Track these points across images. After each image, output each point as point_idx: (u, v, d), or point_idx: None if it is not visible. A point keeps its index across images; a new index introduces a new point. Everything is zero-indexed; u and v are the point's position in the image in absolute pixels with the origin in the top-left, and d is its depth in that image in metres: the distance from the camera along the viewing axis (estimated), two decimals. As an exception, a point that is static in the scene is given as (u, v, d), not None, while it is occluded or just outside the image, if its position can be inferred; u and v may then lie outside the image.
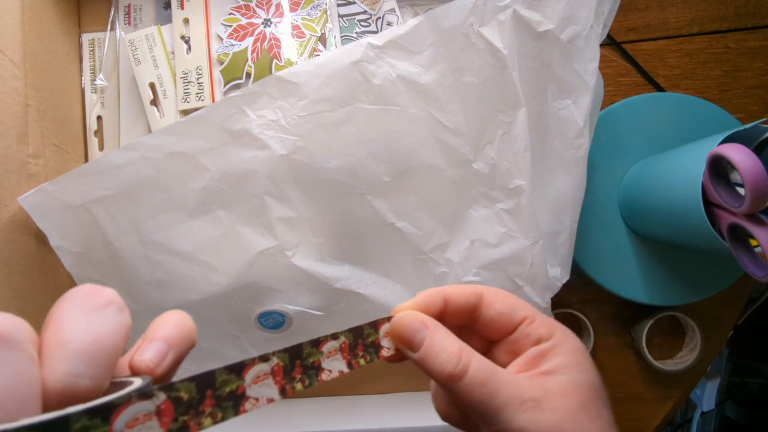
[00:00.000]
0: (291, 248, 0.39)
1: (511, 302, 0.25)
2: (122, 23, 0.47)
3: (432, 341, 0.23)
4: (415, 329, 0.23)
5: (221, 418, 0.17)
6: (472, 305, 0.25)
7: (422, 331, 0.23)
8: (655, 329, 0.49)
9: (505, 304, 0.25)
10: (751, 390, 0.99)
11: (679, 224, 0.38)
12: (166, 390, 0.15)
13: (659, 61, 0.49)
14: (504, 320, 0.25)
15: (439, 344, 0.23)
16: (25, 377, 0.14)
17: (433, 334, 0.23)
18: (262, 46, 0.44)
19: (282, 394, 0.19)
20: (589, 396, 0.23)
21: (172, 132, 0.38)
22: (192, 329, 0.20)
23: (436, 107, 0.38)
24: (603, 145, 0.45)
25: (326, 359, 0.21)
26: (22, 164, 0.39)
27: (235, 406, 0.17)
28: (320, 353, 0.21)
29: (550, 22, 0.38)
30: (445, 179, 0.40)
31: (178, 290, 0.40)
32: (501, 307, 0.25)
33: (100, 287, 0.17)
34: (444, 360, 0.22)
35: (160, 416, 0.15)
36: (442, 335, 0.23)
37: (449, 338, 0.23)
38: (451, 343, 0.23)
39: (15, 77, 0.39)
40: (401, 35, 0.38)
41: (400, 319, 0.23)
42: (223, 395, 0.17)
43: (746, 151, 0.31)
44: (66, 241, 0.39)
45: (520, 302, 0.25)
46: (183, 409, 0.16)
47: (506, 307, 0.25)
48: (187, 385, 0.16)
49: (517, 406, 0.21)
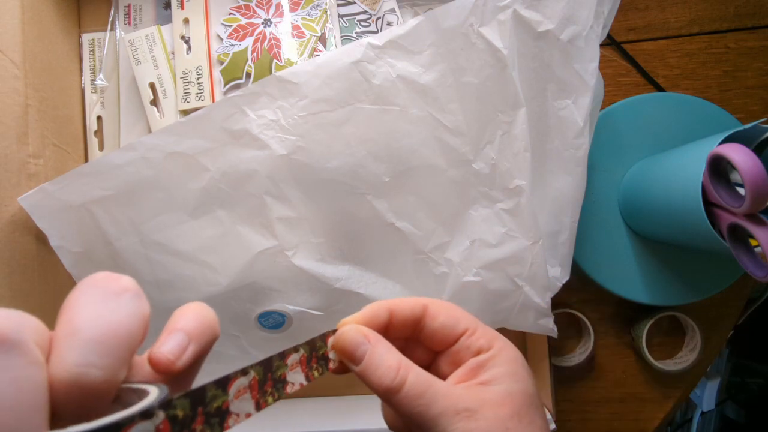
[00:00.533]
0: (291, 248, 0.39)
1: (455, 314, 0.26)
2: (122, 23, 0.47)
3: (372, 355, 0.23)
4: (356, 343, 0.24)
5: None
6: (417, 317, 0.25)
7: (363, 345, 0.24)
8: (655, 329, 0.49)
9: (448, 316, 0.26)
10: (751, 390, 0.99)
11: (679, 224, 0.38)
12: (164, 408, 0.15)
13: (659, 61, 0.49)
14: (447, 332, 0.25)
15: (379, 358, 0.23)
16: (25, 384, 0.13)
17: (373, 348, 0.24)
18: (262, 46, 0.44)
19: (257, 408, 0.19)
20: (522, 404, 0.23)
21: (172, 132, 0.38)
22: (214, 321, 0.19)
23: (436, 107, 0.38)
24: (603, 145, 0.45)
25: (290, 372, 0.21)
26: (22, 164, 0.39)
27: (220, 423, 0.17)
28: (285, 366, 0.21)
29: (550, 22, 0.38)
30: (445, 179, 0.40)
31: (178, 290, 0.40)
32: (444, 319, 0.25)
33: (116, 274, 0.17)
34: (382, 374, 0.23)
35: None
36: (382, 349, 0.24)
37: (389, 352, 0.24)
38: (391, 358, 0.23)
39: (15, 77, 0.39)
40: (401, 35, 0.38)
41: (343, 333, 0.24)
42: (212, 411, 0.17)
43: (746, 151, 0.31)
44: (66, 241, 0.39)
45: (463, 314, 0.26)
46: (178, 428, 0.15)
47: (449, 319, 0.26)
48: (182, 402, 0.16)
49: (452, 416, 0.22)
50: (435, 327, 0.26)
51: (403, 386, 0.23)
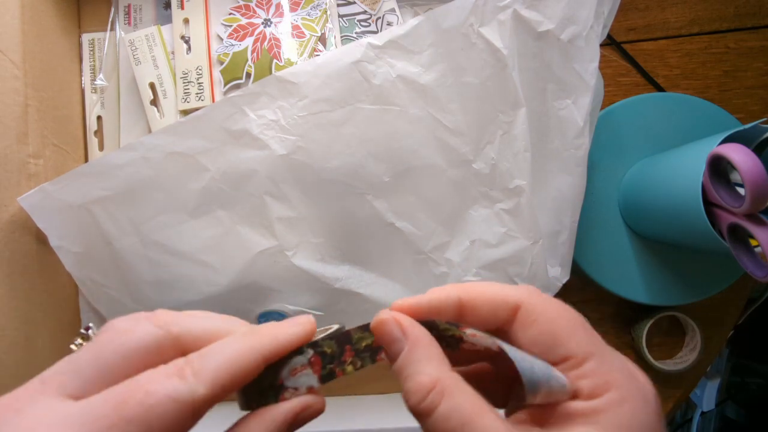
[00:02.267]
0: (291, 248, 0.39)
1: (556, 329, 0.18)
2: (122, 23, 0.47)
3: (406, 360, 0.18)
4: (391, 338, 0.19)
5: (360, 365, 0.20)
6: (501, 321, 0.19)
7: (398, 343, 0.19)
8: (655, 329, 0.49)
9: (545, 330, 0.18)
10: (751, 390, 0.99)
11: (679, 224, 0.38)
12: (313, 347, 0.20)
13: (659, 61, 0.49)
14: (539, 351, 0.18)
15: (413, 367, 0.18)
16: None
17: (409, 352, 0.18)
18: (262, 46, 0.44)
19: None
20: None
21: (172, 132, 0.38)
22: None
23: (436, 107, 0.38)
24: (603, 145, 0.45)
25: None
26: (22, 164, 0.39)
27: (371, 357, 0.20)
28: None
29: (550, 22, 0.38)
30: (445, 179, 0.40)
31: (178, 290, 0.40)
32: (537, 335, 0.18)
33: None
34: (410, 388, 0.18)
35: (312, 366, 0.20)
36: (419, 354, 0.18)
37: (429, 363, 0.18)
38: (427, 372, 0.18)
39: (15, 77, 0.39)
40: (401, 35, 0.38)
41: (379, 322, 0.19)
42: (361, 349, 0.20)
43: (746, 151, 0.31)
44: (66, 241, 0.39)
45: (570, 331, 0.18)
46: (328, 359, 0.20)
47: (545, 336, 0.18)
48: (329, 342, 0.20)
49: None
50: (523, 341, 0.19)
51: (431, 414, 0.17)
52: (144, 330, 0.18)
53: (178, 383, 0.17)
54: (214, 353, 0.18)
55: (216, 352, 0.18)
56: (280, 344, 0.19)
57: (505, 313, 0.19)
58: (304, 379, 0.20)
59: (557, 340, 0.18)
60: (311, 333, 0.20)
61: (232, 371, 0.18)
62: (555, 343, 0.18)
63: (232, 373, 0.18)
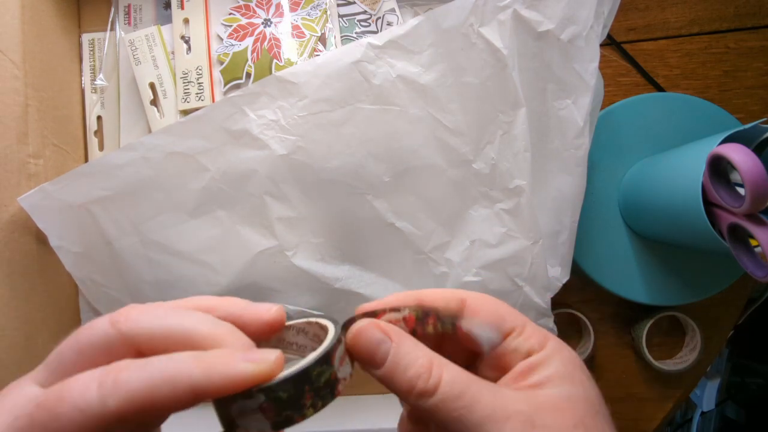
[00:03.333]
0: (291, 248, 0.39)
1: (499, 310, 0.22)
2: (122, 23, 0.47)
3: (398, 354, 0.20)
4: (376, 341, 0.20)
5: (321, 405, 0.18)
6: (452, 313, 0.22)
7: (384, 344, 0.20)
8: (655, 329, 0.49)
9: (490, 312, 0.22)
10: (751, 390, 0.99)
11: (679, 224, 0.38)
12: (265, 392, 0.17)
13: (659, 61, 0.49)
14: (490, 329, 0.22)
15: (406, 356, 0.20)
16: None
17: (398, 346, 0.20)
18: (262, 46, 0.44)
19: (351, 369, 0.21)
20: (586, 411, 0.20)
21: (172, 132, 0.38)
22: None
23: (436, 107, 0.38)
24: (603, 145, 0.45)
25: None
26: (22, 164, 0.39)
27: (331, 392, 0.19)
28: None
29: (550, 22, 0.38)
30: (445, 179, 0.40)
31: (178, 290, 0.40)
32: (486, 316, 0.22)
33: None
34: (413, 375, 0.19)
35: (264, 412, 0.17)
36: (408, 346, 0.20)
37: (418, 348, 0.20)
38: (420, 354, 0.20)
39: (15, 77, 0.39)
40: (401, 35, 0.38)
41: (358, 332, 0.20)
42: (321, 386, 0.18)
43: (746, 151, 0.31)
44: (66, 241, 0.39)
45: (507, 310, 0.22)
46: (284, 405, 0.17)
47: (492, 317, 0.22)
48: (284, 387, 0.17)
49: (502, 421, 0.18)
50: (476, 323, 0.22)
51: (438, 386, 0.19)
52: (98, 327, 0.18)
53: (92, 392, 0.16)
54: (147, 368, 0.17)
55: (150, 367, 0.17)
56: (216, 384, 0.17)
57: (456, 304, 0.22)
58: (255, 423, 0.17)
59: (501, 318, 0.22)
60: (266, 377, 0.17)
61: (152, 395, 0.16)
62: (501, 321, 0.22)
63: (152, 398, 0.16)
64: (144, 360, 0.17)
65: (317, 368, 0.18)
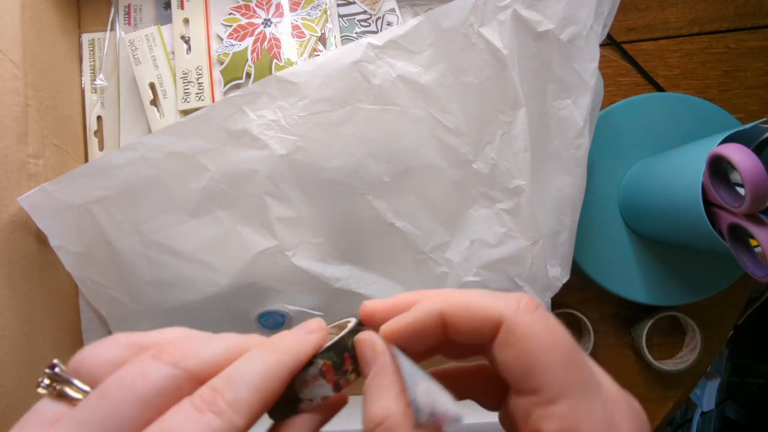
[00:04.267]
0: (291, 248, 0.39)
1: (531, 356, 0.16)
2: (122, 23, 0.47)
3: (368, 386, 0.18)
4: (366, 358, 0.19)
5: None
6: (484, 338, 0.18)
7: (370, 365, 0.19)
8: (655, 329, 0.49)
9: (520, 357, 0.17)
10: (751, 390, 0.99)
11: (679, 224, 0.38)
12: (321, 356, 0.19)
13: (659, 61, 0.49)
14: (512, 377, 0.17)
15: (371, 394, 0.18)
16: None
17: (373, 378, 0.18)
18: (262, 46, 0.44)
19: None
20: None
21: (172, 132, 0.38)
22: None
23: (436, 107, 0.38)
24: (603, 145, 0.45)
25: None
26: (22, 164, 0.39)
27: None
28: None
29: (550, 22, 0.38)
30: (445, 179, 0.40)
31: (178, 290, 0.40)
32: (512, 360, 0.17)
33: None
34: (365, 415, 0.18)
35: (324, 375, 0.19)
36: (380, 384, 0.18)
37: (387, 393, 0.18)
38: (379, 404, 0.17)
39: (15, 77, 0.39)
40: (401, 35, 0.38)
41: (358, 342, 0.20)
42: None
43: (746, 151, 0.31)
44: (66, 241, 0.39)
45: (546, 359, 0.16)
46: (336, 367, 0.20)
47: (519, 363, 0.17)
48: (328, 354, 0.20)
49: None
50: (502, 360, 0.17)
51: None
52: (159, 374, 0.16)
53: (213, 420, 0.15)
54: (242, 378, 0.17)
55: (244, 375, 0.17)
56: (301, 357, 0.19)
57: (488, 330, 0.18)
58: (318, 390, 0.19)
59: (531, 369, 0.16)
60: (324, 339, 0.20)
61: (264, 394, 0.17)
62: (528, 373, 0.16)
63: (265, 397, 0.17)
64: (223, 378, 0.17)
65: (351, 338, 0.20)
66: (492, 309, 0.17)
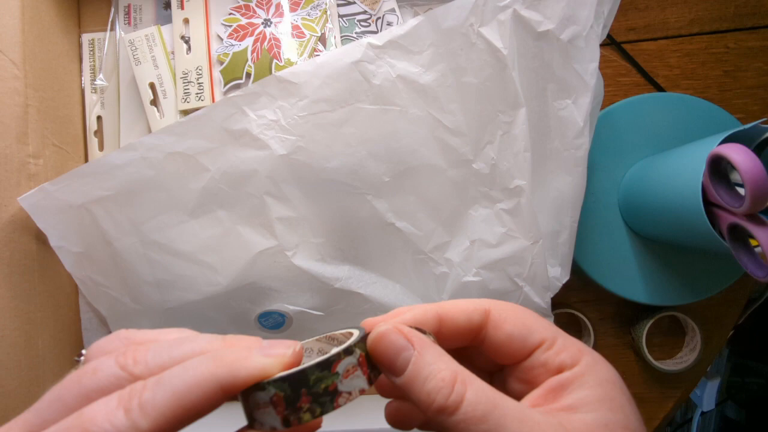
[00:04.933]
0: (291, 248, 0.39)
1: (526, 322, 0.21)
2: (122, 23, 0.47)
3: (419, 364, 0.19)
4: (398, 348, 0.19)
5: (320, 412, 0.18)
6: (475, 325, 0.21)
7: (407, 351, 0.19)
8: (655, 329, 0.49)
9: (517, 324, 0.21)
10: (751, 390, 0.99)
11: (679, 224, 0.38)
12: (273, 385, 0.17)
13: (659, 61, 0.49)
14: (516, 344, 0.21)
15: (428, 368, 0.18)
16: None
17: (420, 355, 0.19)
18: (262, 46, 0.44)
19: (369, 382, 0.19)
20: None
21: (172, 132, 0.38)
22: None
23: (436, 107, 0.38)
24: (603, 145, 0.45)
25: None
26: (22, 164, 0.39)
27: (331, 401, 0.18)
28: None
29: (550, 22, 0.38)
30: (445, 179, 0.40)
31: (178, 290, 0.40)
32: (512, 329, 0.21)
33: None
34: (433, 388, 0.18)
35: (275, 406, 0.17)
36: (431, 356, 0.19)
37: (441, 359, 0.19)
38: (444, 367, 0.18)
39: (15, 77, 0.39)
40: (401, 35, 0.38)
41: (380, 335, 0.19)
42: (320, 392, 0.18)
43: (746, 151, 0.31)
44: (66, 241, 0.39)
45: (536, 321, 0.21)
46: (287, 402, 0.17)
47: (519, 329, 0.21)
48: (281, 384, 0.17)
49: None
50: (501, 338, 0.21)
51: (460, 404, 0.17)
52: (105, 371, 0.17)
53: (119, 416, 0.16)
54: (168, 381, 0.17)
55: (172, 379, 0.17)
56: (238, 375, 0.17)
57: (479, 316, 0.21)
58: (267, 418, 0.17)
59: (529, 330, 0.21)
60: (283, 366, 0.18)
61: (183, 402, 0.16)
62: (529, 332, 0.21)
63: (183, 404, 0.16)
64: (156, 377, 0.17)
65: (315, 373, 0.18)
66: (478, 302, 0.21)
